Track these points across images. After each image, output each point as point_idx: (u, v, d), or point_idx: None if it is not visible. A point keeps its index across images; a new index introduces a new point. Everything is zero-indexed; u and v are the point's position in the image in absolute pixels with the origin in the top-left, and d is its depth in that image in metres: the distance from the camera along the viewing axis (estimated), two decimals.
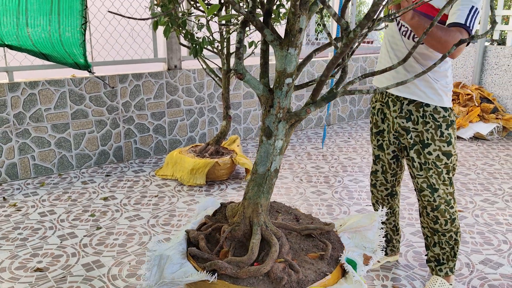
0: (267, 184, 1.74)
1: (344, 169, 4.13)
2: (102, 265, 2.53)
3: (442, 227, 2.19)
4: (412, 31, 1.98)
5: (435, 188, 2.12)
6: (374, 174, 2.38)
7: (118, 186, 3.70)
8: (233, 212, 1.86)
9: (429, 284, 2.29)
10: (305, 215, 1.99)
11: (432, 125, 2.06)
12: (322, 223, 1.88)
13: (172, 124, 4.51)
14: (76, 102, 3.96)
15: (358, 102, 5.97)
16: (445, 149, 2.06)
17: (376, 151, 2.32)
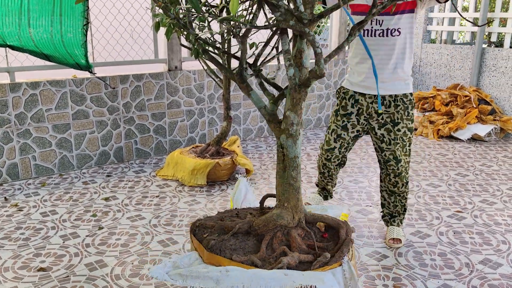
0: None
1: (343, 170, 4.15)
2: (105, 264, 2.54)
3: (399, 189, 2.69)
4: (388, 29, 2.42)
5: (399, 159, 2.60)
6: (331, 150, 2.76)
7: (119, 186, 3.71)
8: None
9: (388, 233, 2.80)
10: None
11: (402, 107, 2.55)
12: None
13: (173, 125, 4.53)
14: (77, 103, 3.98)
15: None
16: (410, 125, 2.58)
17: (339, 130, 2.68)
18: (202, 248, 1.73)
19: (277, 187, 1.76)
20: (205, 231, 1.79)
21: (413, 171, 4.13)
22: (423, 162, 4.37)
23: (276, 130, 1.73)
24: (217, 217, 1.96)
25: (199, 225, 1.84)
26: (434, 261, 2.61)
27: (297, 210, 1.74)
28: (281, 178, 1.74)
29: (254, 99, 1.69)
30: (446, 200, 3.48)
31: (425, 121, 5.35)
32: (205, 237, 1.76)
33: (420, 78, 6.28)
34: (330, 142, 2.72)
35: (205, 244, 1.70)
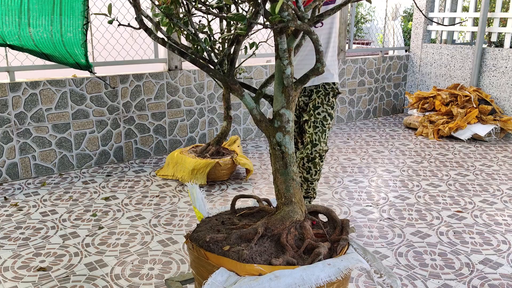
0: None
1: (343, 169, 4.15)
2: (105, 264, 2.54)
3: (312, 177, 2.77)
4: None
5: (315, 143, 2.68)
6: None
7: (119, 186, 3.71)
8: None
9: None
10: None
11: (323, 92, 2.71)
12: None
13: (173, 125, 4.52)
14: (77, 102, 3.97)
15: (357, 103, 6.00)
16: (330, 111, 2.71)
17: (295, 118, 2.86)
18: (230, 261, 1.64)
19: (279, 184, 1.76)
20: (221, 244, 1.70)
21: (413, 171, 4.12)
22: (423, 162, 4.37)
23: (269, 129, 1.72)
24: (214, 228, 1.87)
25: (211, 240, 1.71)
26: (434, 261, 2.61)
27: (302, 203, 1.77)
28: (283, 175, 1.74)
29: (248, 100, 1.69)
30: (447, 200, 3.48)
31: (425, 121, 5.35)
32: (230, 249, 1.66)
33: (420, 78, 6.28)
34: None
35: (236, 257, 1.62)
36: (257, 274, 1.60)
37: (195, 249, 1.73)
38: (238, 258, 1.61)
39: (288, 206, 1.76)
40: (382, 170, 4.14)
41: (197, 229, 1.85)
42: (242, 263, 1.61)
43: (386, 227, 3.02)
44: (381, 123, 5.96)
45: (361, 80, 5.95)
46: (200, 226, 1.87)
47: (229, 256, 1.63)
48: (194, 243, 1.76)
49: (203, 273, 1.71)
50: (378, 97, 6.21)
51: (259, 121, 1.73)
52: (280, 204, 1.78)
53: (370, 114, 6.20)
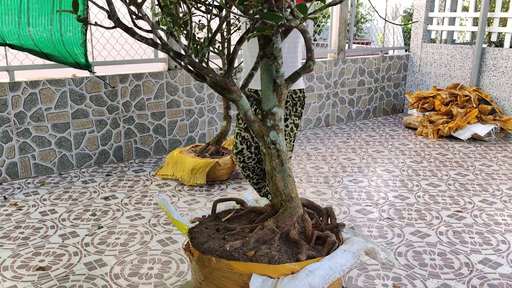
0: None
1: (343, 169, 4.15)
2: (104, 264, 2.54)
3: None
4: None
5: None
6: (241, 153, 2.77)
7: (118, 185, 3.71)
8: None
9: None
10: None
11: (290, 103, 2.62)
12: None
13: (172, 124, 4.52)
14: (77, 102, 3.97)
15: (356, 103, 6.00)
16: (297, 122, 2.66)
17: (242, 132, 2.71)
18: (260, 265, 1.61)
19: (277, 182, 1.76)
20: (242, 250, 1.65)
21: (413, 170, 4.12)
22: (422, 162, 4.37)
23: (262, 129, 1.72)
24: (215, 237, 1.80)
25: (231, 249, 1.65)
26: (433, 260, 2.61)
27: (299, 197, 1.80)
28: (281, 172, 1.74)
29: (244, 101, 1.69)
30: (446, 199, 3.48)
31: (425, 120, 5.35)
32: (256, 254, 1.64)
33: (420, 77, 6.28)
34: (237, 145, 2.75)
35: (266, 260, 1.60)
36: (290, 273, 1.60)
37: (214, 261, 1.63)
38: (269, 261, 1.59)
39: (291, 202, 1.77)
40: (381, 170, 4.14)
41: (195, 241, 1.76)
42: (274, 265, 1.59)
43: (385, 227, 3.02)
44: (381, 123, 5.96)
45: (361, 80, 5.95)
46: (196, 238, 1.78)
47: (259, 260, 1.60)
48: (209, 255, 1.65)
49: (228, 285, 1.64)
50: (378, 97, 6.21)
51: (252, 121, 1.72)
52: (280, 201, 1.77)
53: (370, 114, 6.20)
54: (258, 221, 1.77)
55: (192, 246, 1.72)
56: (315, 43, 6.14)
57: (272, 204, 1.83)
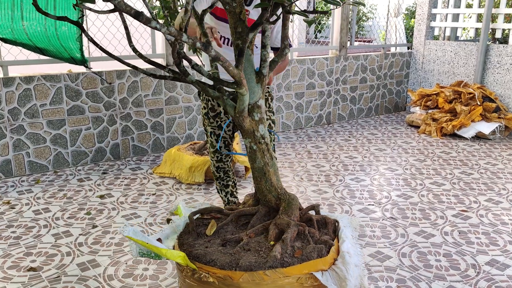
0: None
1: (345, 167, 4.06)
2: (98, 264, 2.45)
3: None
4: (230, 39, 2.41)
5: None
6: (219, 151, 2.63)
7: (115, 184, 3.62)
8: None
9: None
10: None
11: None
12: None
13: (170, 122, 4.43)
14: (73, 98, 3.88)
15: (358, 101, 5.90)
16: (273, 118, 2.55)
17: (216, 131, 2.59)
18: (314, 262, 1.53)
19: (271, 177, 1.67)
20: (283, 256, 1.53)
21: (416, 169, 4.03)
22: (426, 160, 4.27)
23: (252, 123, 1.61)
24: (230, 253, 1.59)
25: (276, 258, 1.49)
26: (439, 262, 2.52)
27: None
28: (272, 167, 1.67)
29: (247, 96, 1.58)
30: (451, 199, 3.39)
31: (428, 118, 5.26)
32: (303, 253, 1.56)
33: (423, 75, 6.18)
34: (213, 144, 2.62)
35: (316, 255, 1.53)
36: (333, 261, 1.58)
37: (269, 275, 1.46)
38: (319, 255, 1.54)
39: (287, 194, 1.70)
40: (384, 169, 4.05)
41: (211, 263, 1.52)
42: (324, 257, 1.56)
43: (389, 227, 2.93)
44: (383, 121, 5.87)
45: (363, 77, 5.85)
46: (207, 258, 1.54)
47: (310, 257, 1.54)
48: (257, 270, 1.46)
49: None
50: (380, 95, 6.12)
51: (245, 117, 1.59)
52: (276, 196, 1.68)
53: (372, 111, 6.10)
54: (255, 223, 1.66)
55: (208, 266, 1.50)
56: (317, 40, 6.05)
57: (262, 202, 1.71)
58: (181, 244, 1.64)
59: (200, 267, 1.52)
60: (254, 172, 1.65)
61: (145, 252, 1.53)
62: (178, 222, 1.77)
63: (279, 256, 1.48)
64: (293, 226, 1.57)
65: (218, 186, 2.77)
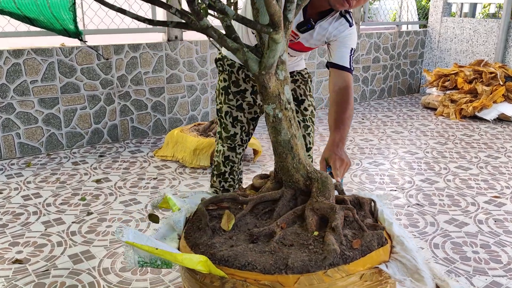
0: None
1: (361, 151, 3.76)
2: (92, 256, 2.17)
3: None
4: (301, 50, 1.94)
5: (309, 147, 2.03)
6: (233, 137, 2.08)
7: (112, 167, 3.33)
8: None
9: None
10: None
11: (301, 81, 2.01)
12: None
13: (172, 101, 4.12)
14: (66, 75, 3.57)
15: (371, 81, 5.58)
16: (314, 104, 2.05)
17: (234, 112, 2.03)
18: (376, 252, 1.28)
19: (299, 152, 1.37)
20: (344, 247, 1.25)
21: (438, 152, 3.73)
22: (447, 143, 3.97)
23: (277, 84, 1.28)
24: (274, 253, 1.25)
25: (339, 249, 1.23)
26: (477, 254, 2.23)
27: None
28: (300, 139, 1.38)
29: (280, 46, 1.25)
30: (480, 184, 3.09)
31: (446, 100, 4.94)
32: (362, 244, 1.29)
33: (439, 54, 5.85)
34: (228, 128, 2.05)
35: (376, 244, 1.28)
36: (391, 249, 1.33)
37: (330, 274, 1.18)
38: (379, 243, 1.27)
39: (319, 171, 1.41)
40: (403, 152, 3.75)
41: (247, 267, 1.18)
42: (385, 246, 1.30)
43: (415, 214, 2.64)
44: (397, 103, 5.56)
45: (376, 57, 5.52)
46: (245, 265, 1.19)
47: (371, 248, 1.25)
48: (314, 271, 1.16)
49: None
50: (394, 76, 5.79)
51: (272, 75, 1.26)
52: (305, 175, 1.38)
53: (385, 93, 5.78)
54: (282, 210, 1.34)
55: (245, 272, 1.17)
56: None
57: (286, 184, 1.40)
58: (193, 245, 1.28)
59: (232, 274, 1.15)
60: (278, 147, 1.34)
61: (147, 261, 1.16)
62: (176, 217, 1.38)
63: (339, 250, 1.18)
64: (339, 210, 1.27)
65: (213, 182, 2.17)
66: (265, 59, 1.19)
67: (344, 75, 1.77)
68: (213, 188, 2.16)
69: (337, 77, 1.77)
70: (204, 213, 1.31)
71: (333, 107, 1.75)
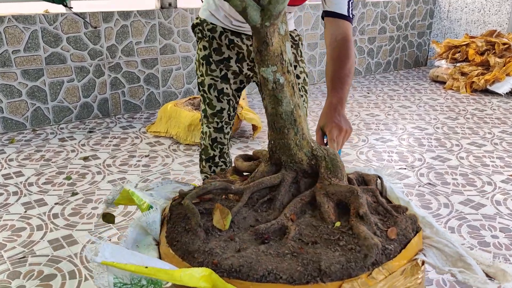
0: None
1: (367, 126, 3.54)
2: (75, 241, 1.98)
3: None
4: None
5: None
6: (219, 114, 1.77)
7: (102, 144, 3.12)
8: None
9: None
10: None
11: (292, 45, 1.71)
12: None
13: (166, 74, 3.88)
14: (51, 44, 3.32)
15: (376, 54, 5.31)
16: (306, 70, 1.79)
17: (219, 84, 1.73)
18: (411, 245, 1.05)
19: (303, 125, 1.14)
20: (347, 241, 1.03)
21: (449, 128, 3.51)
22: (458, 119, 3.74)
23: (279, 39, 1.03)
24: (287, 250, 1.00)
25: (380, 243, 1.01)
26: (496, 238, 2.04)
27: None
28: (303, 109, 1.16)
29: None
30: (496, 162, 2.88)
31: (456, 73, 4.68)
32: (399, 229, 1.07)
33: (448, 25, 5.55)
34: (213, 103, 1.75)
35: (411, 231, 1.07)
36: (411, 258, 1.08)
37: (375, 276, 0.96)
38: (414, 229, 1.07)
39: (324, 148, 1.17)
40: (412, 127, 3.53)
41: (267, 277, 0.92)
42: (419, 233, 1.10)
43: (427, 195, 2.44)
44: (403, 76, 5.30)
45: (382, 27, 5.23)
46: (264, 275, 0.92)
47: (409, 236, 1.06)
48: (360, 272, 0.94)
49: None
50: (400, 47, 5.51)
51: (275, 27, 1.00)
52: (309, 152, 1.15)
53: (391, 66, 5.52)
54: (284, 198, 1.11)
55: (266, 284, 0.90)
56: None
57: (286, 165, 1.15)
58: (184, 253, 0.98)
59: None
60: (278, 121, 1.10)
61: (127, 282, 0.86)
62: (149, 217, 1.08)
63: (380, 244, 0.95)
64: (361, 193, 1.05)
65: (204, 168, 1.89)
66: (272, 6, 0.93)
67: (342, 25, 1.48)
68: (204, 174, 1.92)
69: (334, 27, 1.49)
70: (193, 210, 1.04)
71: (330, 64, 1.48)
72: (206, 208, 1.09)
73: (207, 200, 1.13)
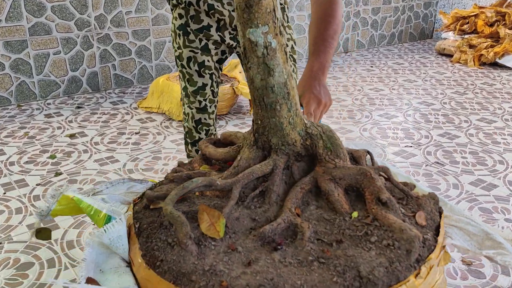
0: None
1: (371, 101, 3.36)
2: (56, 226, 1.83)
3: None
4: None
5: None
6: (202, 90, 1.58)
7: (90, 120, 2.95)
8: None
9: None
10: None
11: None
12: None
13: (159, 46, 3.67)
14: (34, 13, 3.11)
15: (380, 26, 5.08)
16: (293, 37, 1.58)
17: (199, 56, 1.53)
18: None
19: (296, 98, 0.97)
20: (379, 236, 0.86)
21: (457, 103, 3.33)
22: (467, 93, 3.56)
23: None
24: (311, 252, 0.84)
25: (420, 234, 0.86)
26: (510, 222, 1.89)
27: None
28: (295, 79, 0.98)
29: None
30: (507, 139, 2.72)
31: (464, 45, 4.47)
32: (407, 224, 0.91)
33: None
34: (193, 78, 1.57)
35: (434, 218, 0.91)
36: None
37: (422, 275, 0.81)
38: (438, 210, 0.96)
39: (318, 124, 1.00)
40: (418, 103, 3.35)
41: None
42: (442, 214, 0.97)
43: (435, 174, 2.28)
44: (408, 49, 5.08)
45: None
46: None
47: (437, 219, 0.93)
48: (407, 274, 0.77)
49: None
50: (405, 19, 5.28)
51: None
52: (303, 131, 0.97)
53: (395, 39, 5.29)
54: (279, 187, 0.93)
55: None
56: None
57: (276, 148, 0.96)
58: (177, 276, 0.76)
59: None
60: (269, 94, 0.92)
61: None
62: (113, 232, 0.84)
63: (421, 235, 0.78)
64: (374, 175, 0.88)
65: (191, 153, 1.71)
66: None
67: None
68: (191, 159, 1.74)
69: None
70: (180, 218, 0.80)
71: (314, 23, 1.31)
72: (185, 211, 0.87)
73: (179, 201, 0.92)
